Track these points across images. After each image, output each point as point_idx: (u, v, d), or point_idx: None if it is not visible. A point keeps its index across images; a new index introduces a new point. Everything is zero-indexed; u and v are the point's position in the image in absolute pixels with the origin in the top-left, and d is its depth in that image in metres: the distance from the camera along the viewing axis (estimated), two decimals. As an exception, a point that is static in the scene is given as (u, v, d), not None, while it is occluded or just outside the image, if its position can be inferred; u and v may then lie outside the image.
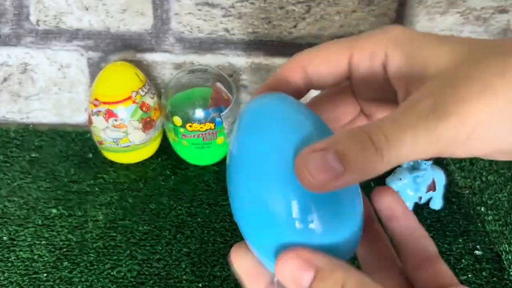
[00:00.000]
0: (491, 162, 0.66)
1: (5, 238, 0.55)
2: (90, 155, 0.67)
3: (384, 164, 0.21)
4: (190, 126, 0.60)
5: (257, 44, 0.67)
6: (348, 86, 0.27)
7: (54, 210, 0.58)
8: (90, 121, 0.62)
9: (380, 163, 0.21)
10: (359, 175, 0.21)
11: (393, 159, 0.21)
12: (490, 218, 0.58)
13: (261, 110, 0.24)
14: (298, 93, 0.26)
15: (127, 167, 0.65)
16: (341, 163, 0.20)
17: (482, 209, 0.59)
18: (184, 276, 0.51)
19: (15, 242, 0.54)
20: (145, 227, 0.56)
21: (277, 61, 0.68)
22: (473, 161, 0.66)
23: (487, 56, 0.21)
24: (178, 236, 0.55)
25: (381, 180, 0.58)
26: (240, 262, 0.25)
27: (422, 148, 0.20)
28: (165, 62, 0.69)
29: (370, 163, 0.21)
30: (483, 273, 0.52)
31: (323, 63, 0.25)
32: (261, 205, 0.22)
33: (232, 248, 0.25)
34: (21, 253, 0.53)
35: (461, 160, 0.66)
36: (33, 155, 0.67)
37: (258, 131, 0.23)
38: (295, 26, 0.66)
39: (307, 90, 0.26)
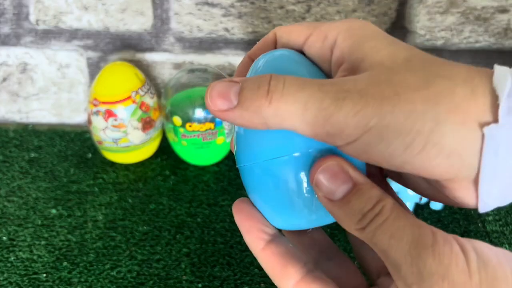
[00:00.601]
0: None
1: (4, 238, 0.55)
2: (90, 155, 0.67)
3: (270, 111, 0.21)
4: (190, 126, 0.60)
5: (257, 44, 0.67)
6: None
7: (54, 210, 0.58)
8: (89, 121, 0.62)
9: (266, 107, 0.21)
10: (246, 111, 0.22)
11: (279, 111, 0.21)
12: (490, 218, 0.58)
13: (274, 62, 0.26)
14: None
15: (126, 167, 0.65)
16: (237, 97, 0.22)
17: (483, 209, 0.59)
18: (184, 277, 0.50)
19: (14, 243, 0.54)
20: (144, 227, 0.56)
21: (277, 61, 0.68)
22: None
23: (417, 69, 0.21)
24: (177, 236, 0.55)
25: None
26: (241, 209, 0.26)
27: (309, 118, 0.21)
28: (164, 61, 0.69)
29: (257, 102, 0.21)
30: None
31: (286, 35, 0.27)
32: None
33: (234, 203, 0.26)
34: (20, 253, 0.53)
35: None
36: (33, 155, 0.67)
37: None
38: (295, 26, 0.66)
39: None
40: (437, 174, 0.21)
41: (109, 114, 0.59)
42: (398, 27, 0.65)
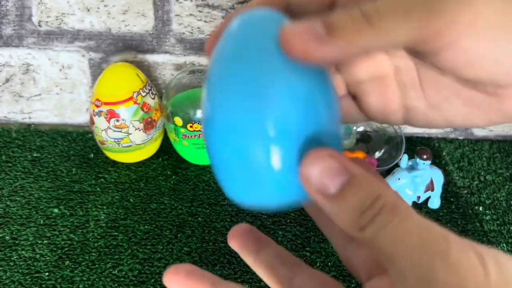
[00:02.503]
0: (489, 162, 0.66)
1: (7, 237, 0.55)
2: (92, 155, 0.67)
3: (371, 32, 0.19)
4: (191, 126, 0.60)
5: (257, 45, 0.67)
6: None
7: (56, 210, 0.58)
8: (91, 122, 0.62)
9: (366, 29, 0.19)
10: (344, 41, 0.19)
11: (381, 29, 0.19)
12: (488, 217, 0.58)
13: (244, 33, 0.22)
14: None
15: (128, 167, 0.65)
16: (326, 30, 0.19)
17: (480, 208, 0.60)
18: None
19: (17, 242, 0.54)
20: (146, 226, 0.56)
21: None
22: (471, 160, 0.66)
23: None
24: (179, 235, 0.55)
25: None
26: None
27: (418, 12, 0.19)
28: (166, 63, 0.69)
29: (357, 29, 0.19)
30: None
31: None
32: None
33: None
34: (23, 252, 0.53)
35: (459, 160, 0.66)
36: (35, 155, 0.67)
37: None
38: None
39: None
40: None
41: (111, 114, 0.60)
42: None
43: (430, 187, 0.58)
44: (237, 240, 0.26)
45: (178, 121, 0.60)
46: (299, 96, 0.20)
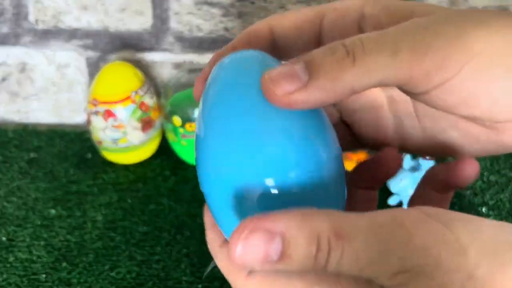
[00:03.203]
0: (492, 162, 0.66)
1: (3, 238, 0.54)
2: (89, 155, 0.66)
3: (355, 70, 0.18)
4: (190, 126, 0.60)
5: (257, 44, 0.67)
6: None
7: (53, 211, 0.58)
8: (89, 121, 0.62)
9: (350, 68, 0.18)
10: (324, 81, 0.18)
11: (366, 66, 0.18)
12: (491, 218, 0.58)
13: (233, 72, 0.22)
14: None
15: (126, 167, 0.64)
16: (307, 71, 0.19)
17: (484, 209, 0.59)
18: (183, 277, 0.50)
19: (13, 243, 0.54)
20: (144, 227, 0.56)
21: (277, 60, 0.68)
22: (474, 161, 0.66)
23: (470, 12, 0.20)
24: (177, 237, 0.55)
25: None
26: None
27: (405, 55, 0.18)
28: (164, 61, 0.69)
29: (339, 66, 0.18)
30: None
31: (292, 24, 0.24)
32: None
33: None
34: (19, 253, 0.53)
35: (462, 160, 0.66)
36: (32, 155, 0.67)
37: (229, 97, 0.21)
38: (295, 26, 0.65)
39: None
40: (502, 115, 0.20)
41: (109, 114, 0.59)
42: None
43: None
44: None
45: (177, 120, 0.60)
46: (293, 139, 0.20)
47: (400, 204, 0.57)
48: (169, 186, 0.62)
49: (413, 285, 0.17)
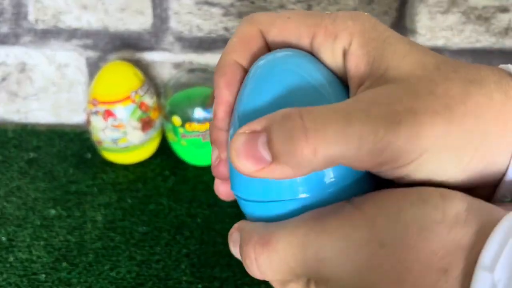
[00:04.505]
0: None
1: (3, 238, 0.54)
2: (89, 155, 0.66)
3: (318, 158, 0.18)
4: (190, 126, 0.60)
5: (257, 44, 0.67)
6: None
7: (53, 211, 0.58)
8: (88, 121, 0.62)
9: (312, 157, 0.18)
10: (289, 168, 0.18)
11: (329, 156, 0.18)
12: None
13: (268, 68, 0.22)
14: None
15: (126, 167, 0.64)
16: (269, 151, 0.19)
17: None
18: (183, 277, 0.50)
19: (13, 243, 0.54)
20: (144, 227, 0.56)
21: (277, 60, 0.68)
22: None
23: (452, 77, 0.20)
24: (177, 237, 0.55)
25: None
26: None
27: (364, 153, 0.18)
28: (164, 61, 0.69)
29: (298, 153, 0.18)
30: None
31: (283, 35, 0.23)
32: None
33: None
34: (19, 254, 0.53)
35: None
36: (32, 155, 0.66)
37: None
38: (295, 25, 0.65)
39: None
40: (469, 183, 0.20)
41: (108, 114, 0.59)
42: (399, 26, 0.65)
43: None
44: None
45: (177, 120, 0.60)
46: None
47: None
48: (168, 186, 0.61)
49: None
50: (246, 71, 0.23)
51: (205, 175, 0.63)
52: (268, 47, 0.24)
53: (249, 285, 0.49)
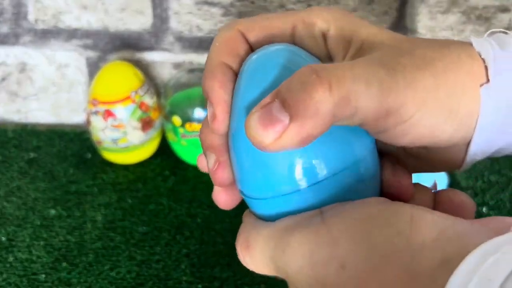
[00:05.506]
0: (492, 162, 0.66)
1: (3, 238, 0.54)
2: (89, 155, 0.66)
3: (334, 99, 0.18)
4: (190, 126, 0.60)
5: (257, 44, 0.67)
6: None
7: (53, 211, 0.58)
8: (88, 121, 0.61)
9: (328, 97, 0.18)
10: (305, 119, 0.18)
11: (344, 93, 0.19)
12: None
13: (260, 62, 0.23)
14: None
15: (126, 167, 0.64)
16: (286, 112, 0.18)
17: (484, 209, 0.59)
18: (183, 277, 0.50)
19: (13, 243, 0.54)
20: (144, 227, 0.56)
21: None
22: (474, 161, 0.66)
23: (423, 45, 0.22)
24: (177, 237, 0.55)
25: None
26: None
27: (374, 92, 0.19)
28: (164, 61, 0.69)
29: (315, 97, 0.18)
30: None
31: (264, 32, 0.24)
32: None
33: None
34: (19, 254, 0.53)
35: (462, 160, 0.66)
36: (32, 155, 0.66)
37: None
38: (295, 25, 0.65)
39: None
40: (455, 137, 0.22)
41: (108, 114, 0.59)
42: (399, 26, 0.65)
43: (434, 188, 0.57)
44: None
45: (177, 120, 0.60)
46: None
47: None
48: (168, 186, 0.61)
49: None
50: (234, 71, 0.24)
51: (205, 175, 0.63)
52: (251, 48, 0.25)
53: (249, 285, 0.49)
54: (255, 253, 0.22)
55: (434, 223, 0.19)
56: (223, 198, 0.25)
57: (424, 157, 0.25)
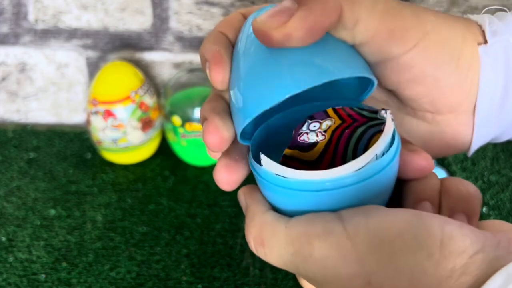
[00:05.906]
0: (492, 162, 0.66)
1: (3, 239, 0.54)
2: (89, 155, 0.66)
3: None
4: (190, 126, 0.60)
5: (257, 44, 0.67)
6: None
7: (53, 211, 0.58)
8: (88, 121, 0.61)
9: None
10: (316, 4, 0.19)
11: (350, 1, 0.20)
12: (492, 218, 0.58)
13: None
14: None
15: (126, 167, 0.64)
16: (296, 1, 0.19)
17: (484, 209, 0.59)
18: (183, 277, 0.50)
19: (13, 243, 0.54)
20: (144, 227, 0.56)
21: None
22: (474, 161, 0.66)
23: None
24: (177, 237, 0.55)
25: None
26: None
27: (379, 11, 0.21)
28: (164, 61, 0.69)
29: None
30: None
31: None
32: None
33: None
34: (19, 254, 0.53)
35: (463, 160, 0.66)
36: (31, 155, 0.66)
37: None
38: (295, 25, 0.65)
39: None
40: (451, 91, 0.23)
41: (108, 114, 0.59)
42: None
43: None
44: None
45: (177, 120, 0.60)
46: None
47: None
48: (168, 186, 0.61)
49: None
50: (231, 41, 0.24)
51: (205, 175, 0.63)
52: None
53: (249, 285, 0.49)
54: (271, 253, 0.21)
55: (464, 248, 0.18)
56: (225, 177, 0.23)
57: (432, 134, 0.25)
